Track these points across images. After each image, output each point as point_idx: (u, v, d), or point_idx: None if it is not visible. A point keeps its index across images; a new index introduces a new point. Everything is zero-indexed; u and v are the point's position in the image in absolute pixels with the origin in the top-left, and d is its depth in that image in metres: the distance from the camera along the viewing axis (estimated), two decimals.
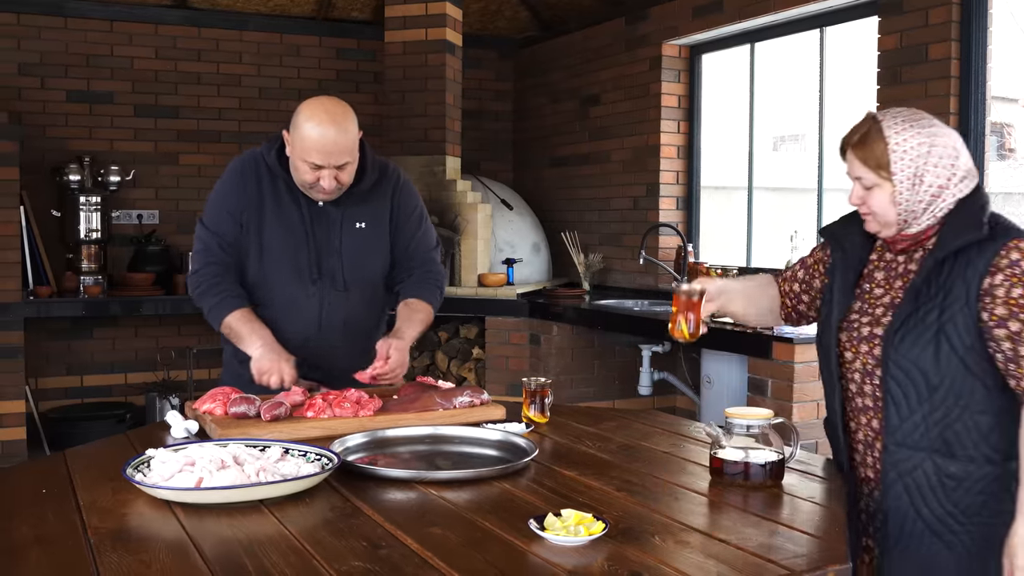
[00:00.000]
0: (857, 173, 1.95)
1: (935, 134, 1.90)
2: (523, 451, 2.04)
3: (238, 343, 2.59)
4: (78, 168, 5.80)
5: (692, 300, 2.15)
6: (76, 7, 5.99)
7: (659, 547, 1.53)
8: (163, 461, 1.83)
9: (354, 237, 2.66)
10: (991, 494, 1.89)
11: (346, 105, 2.54)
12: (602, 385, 5.62)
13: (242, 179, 2.63)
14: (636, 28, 5.84)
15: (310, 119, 2.47)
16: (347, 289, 2.66)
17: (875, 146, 1.90)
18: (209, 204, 2.68)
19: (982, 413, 1.89)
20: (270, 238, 2.62)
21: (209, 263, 2.62)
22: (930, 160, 1.88)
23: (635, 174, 5.89)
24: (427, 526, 1.61)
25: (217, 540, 1.55)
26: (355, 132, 2.52)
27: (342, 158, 2.49)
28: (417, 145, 5.94)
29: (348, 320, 2.68)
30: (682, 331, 2.16)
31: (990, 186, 3.99)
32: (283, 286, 2.63)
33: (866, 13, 4.49)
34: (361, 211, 2.67)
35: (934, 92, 4.01)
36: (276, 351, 2.51)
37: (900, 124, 1.90)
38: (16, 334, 5.25)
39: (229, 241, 2.62)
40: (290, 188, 2.62)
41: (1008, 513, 1.86)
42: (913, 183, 1.89)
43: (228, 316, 2.58)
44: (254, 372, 2.50)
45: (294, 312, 2.64)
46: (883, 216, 1.94)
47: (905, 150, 1.88)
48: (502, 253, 5.97)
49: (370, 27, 6.64)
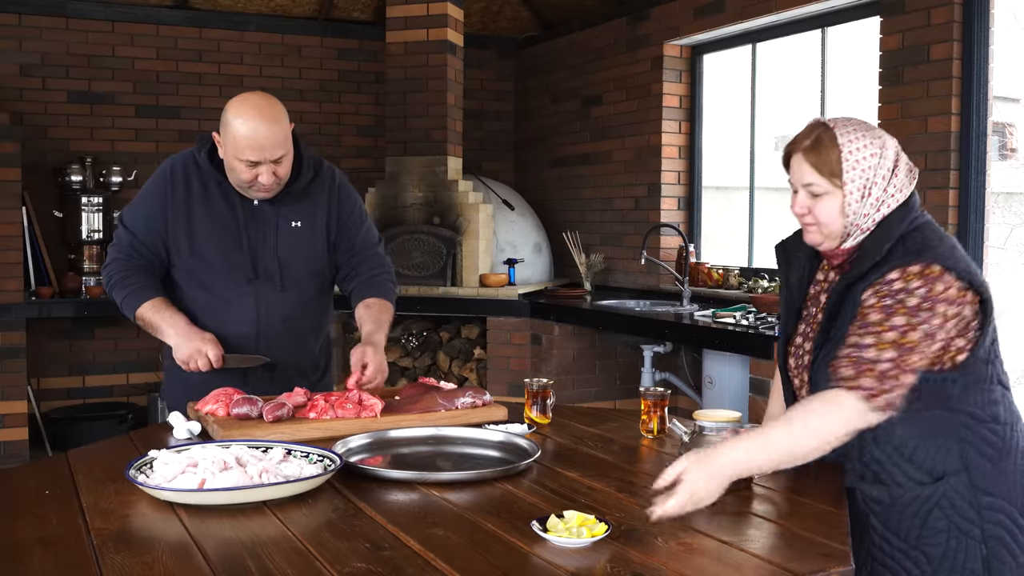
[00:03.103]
0: (807, 180, 1.90)
1: (884, 145, 1.88)
2: (525, 452, 2.04)
3: (155, 335, 2.57)
4: (80, 169, 5.81)
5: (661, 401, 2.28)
6: (77, 8, 5.99)
7: (662, 549, 1.53)
8: (166, 462, 1.83)
9: (290, 236, 2.62)
10: (926, 516, 1.85)
11: (273, 98, 2.50)
12: (603, 385, 5.62)
13: (169, 182, 2.61)
14: (637, 28, 5.84)
15: (238, 116, 2.43)
16: (284, 288, 2.63)
17: (829, 153, 1.87)
18: (132, 202, 2.68)
19: (897, 438, 1.87)
20: (202, 240, 2.59)
21: (117, 258, 2.62)
22: (878, 172, 1.86)
23: (636, 174, 5.89)
24: (429, 527, 1.61)
25: (220, 541, 1.55)
26: (287, 124, 2.48)
27: (277, 151, 2.45)
28: (418, 145, 5.94)
29: (287, 319, 2.64)
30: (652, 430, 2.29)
31: (992, 186, 3.99)
32: (218, 286, 2.60)
33: (868, 13, 4.49)
34: (296, 210, 2.63)
35: (936, 92, 4.01)
36: (192, 335, 2.49)
37: (853, 133, 1.87)
38: (18, 334, 5.26)
39: (142, 240, 2.61)
40: (222, 188, 2.59)
41: (944, 533, 1.84)
42: (863, 194, 1.87)
43: (139, 308, 2.56)
44: (178, 362, 2.49)
45: (231, 312, 2.60)
46: (829, 226, 1.90)
47: (858, 159, 1.85)
48: (503, 253, 5.97)
49: (371, 27, 6.64)
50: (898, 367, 1.76)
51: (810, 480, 1.95)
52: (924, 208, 1.97)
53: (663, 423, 2.28)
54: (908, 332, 1.77)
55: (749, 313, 4.40)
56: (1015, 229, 4.66)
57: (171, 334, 2.51)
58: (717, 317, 4.45)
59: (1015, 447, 1.90)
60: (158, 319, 2.54)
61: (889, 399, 1.76)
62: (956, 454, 1.85)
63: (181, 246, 2.60)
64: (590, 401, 5.48)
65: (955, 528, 1.84)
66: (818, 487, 1.90)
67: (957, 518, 1.85)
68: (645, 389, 2.30)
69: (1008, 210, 4.68)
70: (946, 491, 1.85)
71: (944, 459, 1.86)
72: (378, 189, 5.98)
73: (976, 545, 1.84)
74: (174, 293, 2.65)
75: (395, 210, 5.90)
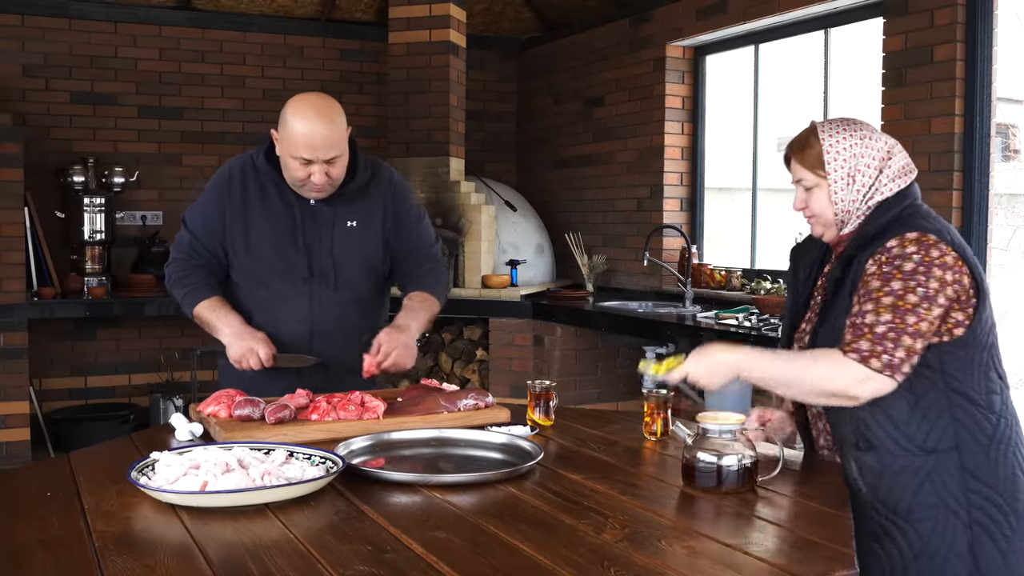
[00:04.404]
0: (798, 176, 2.06)
1: (867, 136, 2.01)
2: (528, 454, 2.03)
3: (211, 332, 2.62)
4: (82, 169, 5.81)
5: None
6: (80, 9, 6.00)
7: (665, 552, 1.53)
8: (168, 464, 1.82)
9: (345, 236, 2.66)
10: (916, 489, 1.91)
11: (332, 99, 2.54)
12: (606, 387, 5.62)
13: (227, 184, 2.66)
14: (640, 29, 5.84)
15: (296, 114, 2.47)
16: (338, 288, 2.66)
17: (812, 148, 2.02)
18: (194, 203, 2.73)
19: (891, 405, 1.92)
20: (258, 239, 2.63)
21: (178, 258, 2.69)
22: (862, 160, 1.99)
23: (639, 175, 5.88)
24: (432, 530, 1.61)
25: (222, 544, 1.55)
26: (343, 125, 2.52)
27: (330, 152, 2.49)
28: (421, 146, 5.94)
29: (340, 318, 2.67)
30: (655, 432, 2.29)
31: (995, 188, 3.98)
32: (274, 284, 2.64)
33: (871, 14, 4.48)
34: (352, 210, 2.67)
35: (939, 93, 4.00)
36: (245, 334, 2.53)
37: (835, 128, 2.02)
38: (20, 335, 5.26)
39: (202, 242, 2.67)
40: (280, 188, 2.63)
41: (934, 509, 1.89)
42: (847, 182, 1.99)
43: (197, 306, 2.61)
44: (231, 361, 2.53)
45: (286, 310, 2.64)
46: (823, 216, 2.04)
47: (839, 151, 1.99)
48: (506, 254, 5.97)
49: (374, 28, 6.64)
50: (895, 329, 1.84)
51: (814, 483, 1.94)
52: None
53: (666, 425, 2.27)
54: (905, 295, 1.86)
55: (752, 315, 4.40)
56: (1018, 230, 4.65)
57: (225, 332, 2.55)
58: (720, 319, 4.45)
59: (1007, 440, 1.94)
60: (213, 318, 2.59)
61: (887, 360, 1.83)
62: (950, 432, 1.91)
63: (238, 246, 2.65)
64: (592, 402, 5.47)
65: (944, 505, 1.90)
66: (822, 490, 1.90)
67: (946, 495, 1.90)
68: (648, 391, 2.30)
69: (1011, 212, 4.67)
70: (936, 466, 1.90)
71: (937, 435, 1.91)
72: None
73: (963, 528, 1.89)
74: (234, 293, 2.69)
75: None
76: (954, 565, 1.89)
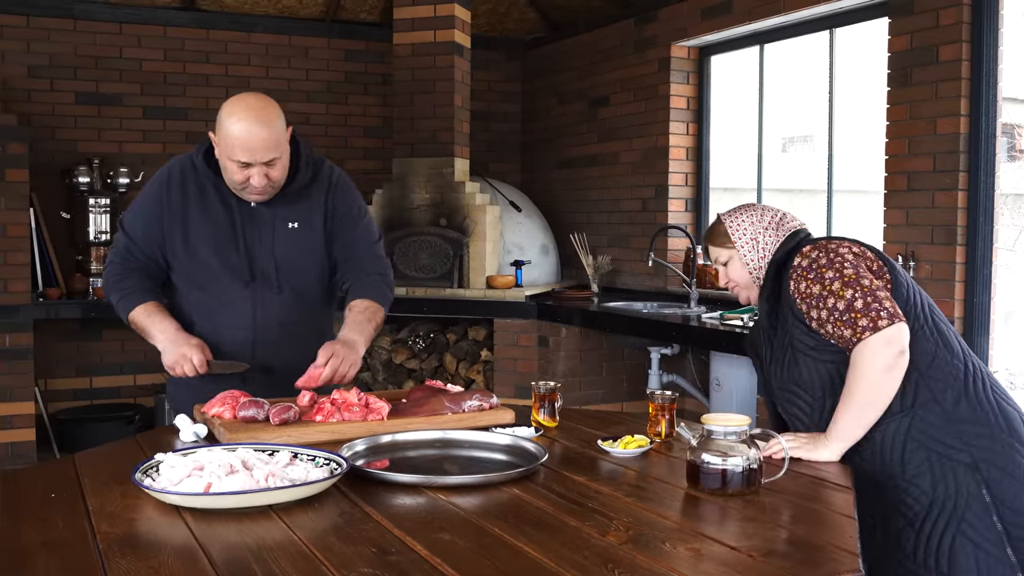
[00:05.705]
0: (714, 256, 2.42)
1: (759, 210, 2.37)
2: (533, 456, 2.03)
3: (146, 339, 2.59)
4: (87, 170, 5.82)
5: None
6: (85, 9, 6.01)
7: (670, 554, 1.52)
8: (172, 465, 1.82)
9: (287, 238, 2.61)
10: (902, 448, 2.08)
11: (269, 99, 2.48)
12: (611, 387, 5.61)
13: (165, 185, 2.62)
14: (645, 29, 5.83)
15: (232, 116, 2.42)
16: (282, 291, 2.61)
17: (719, 230, 2.40)
18: (131, 206, 2.70)
19: None
20: (197, 241, 2.58)
21: (114, 261, 2.65)
22: (759, 225, 2.34)
23: (644, 176, 5.88)
24: (436, 532, 1.61)
25: (226, 545, 1.55)
26: (281, 127, 2.46)
27: (268, 154, 2.43)
28: (425, 147, 5.94)
29: (284, 322, 2.63)
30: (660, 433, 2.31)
31: (1000, 188, 3.97)
32: (213, 288, 2.60)
33: (876, 14, 4.47)
34: (294, 211, 2.61)
35: (944, 93, 3.99)
36: (179, 340, 2.50)
37: (734, 212, 2.40)
38: (25, 335, 5.27)
39: (139, 245, 2.63)
40: (219, 189, 2.59)
41: (926, 462, 2.06)
42: (752, 245, 2.34)
43: (132, 312, 2.58)
44: (165, 367, 2.51)
45: (228, 315, 2.60)
46: (742, 280, 2.37)
47: (739, 224, 2.37)
48: (510, 255, 5.96)
49: (378, 29, 6.65)
50: (864, 295, 2.07)
51: (819, 485, 1.94)
52: (931, 211, 2.13)
53: (671, 426, 2.27)
54: (843, 275, 2.11)
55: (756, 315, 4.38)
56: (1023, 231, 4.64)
57: (160, 339, 2.53)
58: (725, 319, 4.44)
59: (981, 379, 2.13)
60: (148, 323, 2.56)
61: (887, 314, 2.04)
62: (923, 387, 2.10)
63: (177, 249, 2.60)
64: (597, 403, 5.47)
65: (935, 454, 2.06)
66: (827, 492, 1.89)
67: (935, 444, 2.06)
68: (653, 392, 2.30)
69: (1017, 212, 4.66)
70: (914, 421, 2.08)
71: (912, 394, 2.09)
72: (385, 191, 5.98)
73: (967, 469, 2.04)
74: (174, 297, 2.66)
75: (402, 212, 5.90)
76: (971, 504, 2.02)
